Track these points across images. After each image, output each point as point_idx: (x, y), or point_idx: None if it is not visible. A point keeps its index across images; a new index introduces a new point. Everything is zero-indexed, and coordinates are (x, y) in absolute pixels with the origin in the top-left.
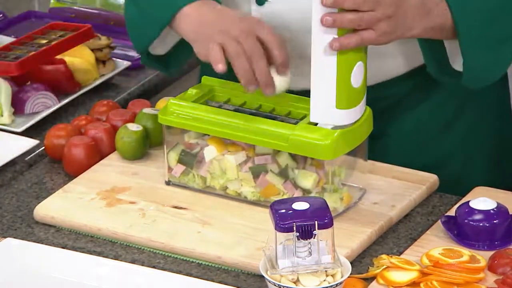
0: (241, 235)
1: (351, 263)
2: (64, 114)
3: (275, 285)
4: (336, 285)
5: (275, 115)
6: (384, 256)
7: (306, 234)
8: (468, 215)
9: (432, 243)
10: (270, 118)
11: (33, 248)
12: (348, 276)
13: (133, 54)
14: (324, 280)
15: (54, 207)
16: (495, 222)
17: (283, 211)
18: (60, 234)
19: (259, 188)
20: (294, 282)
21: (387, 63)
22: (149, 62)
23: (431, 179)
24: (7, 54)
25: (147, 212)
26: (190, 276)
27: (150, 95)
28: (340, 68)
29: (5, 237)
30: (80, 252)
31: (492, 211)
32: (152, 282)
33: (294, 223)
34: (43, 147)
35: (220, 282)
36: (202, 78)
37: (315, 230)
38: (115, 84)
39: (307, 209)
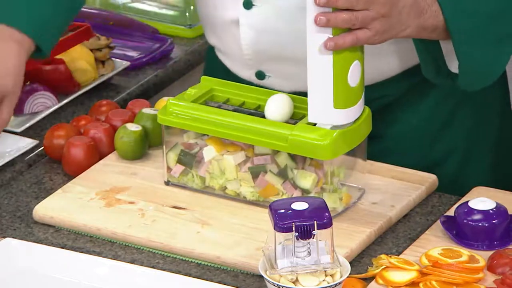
0: (240, 235)
1: (350, 263)
2: (63, 114)
3: (274, 285)
4: (335, 285)
5: None
6: (383, 256)
7: (305, 234)
8: (467, 215)
9: (431, 243)
10: None
11: (32, 248)
12: (347, 276)
13: (132, 54)
14: (323, 280)
15: (53, 207)
16: (494, 222)
17: (282, 211)
18: (59, 234)
19: (258, 188)
20: (293, 282)
21: (382, 63)
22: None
23: (430, 179)
24: None
25: (146, 212)
26: (189, 276)
27: (149, 95)
28: (336, 67)
29: (4, 237)
30: (79, 252)
31: (491, 211)
32: (152, 282)
33: (293, 223)
34: (42, 147)
35: (219, 282)
36: (201, 78)
37: (314, 230)
38: (114, 84)
39: (306, 209)
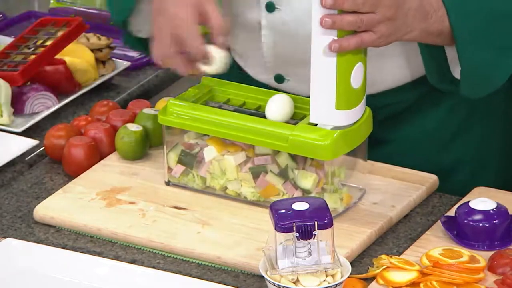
0: (241, 235)
1: (351, 263)
2: (64, 114)
3: (274, 285)
4: (336, 285)
5: None
6: (384, 256)
7: (306, 234)
8: (468, 215)
9: (432, 243)
10: None
11: (33, 249)
12: (348, 277)
13: (133, 54)
14: (324, 281)
15: (54, 207)
16: (494, 222)
17: (283, 211)
18: (60, 234)
19: (259, 189)
20: (294, 283)
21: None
22: (130, 42)
23: (431, 179)
24: (5, 62)
25: (147, 212)
26: (190, 276)
27: (150, 96)
28: (340, 69)
29: (5, 237)
30: (80, 252)
31: (492, 211)
32: (152, 282)
33: (294, 224)
34: (43, 147)
35: (220, 283)
36: (202, 78)
37: (315, 231)
38: (115, 85)
39: (307, 209)
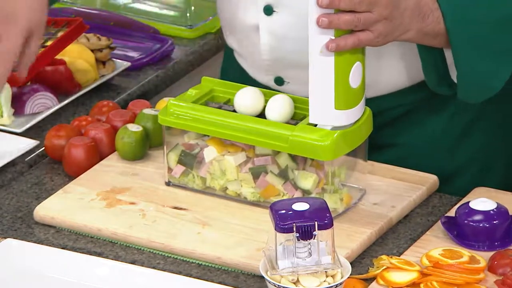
0: (241, 235)
1: (351, 263)
2: (64, 115)
3: (275, 285)
4: (336, 285)
5: None
6: (384, 256)
7: (306, 234)
8: (468, 215)
9: (432, 243)
10: None
11: (33, 249)
12: (348, 277)
13: (133, 54)
14: (324, 281)
15: (54, 208)
16: (495, 222)
17: (283, 211)
18: (60, 235)
19: (259, 189)
20: (294, 283)
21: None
22: None
23: (431, 179)
24: None
25: (147, 212)
26: (190, 276)
27: (150, 96)
28: (338, 69)
29: (5, 237)
30: (80, 252)
31: (492, 212)
32: (152, 282)
33: (294, 224)
34: (43, 148)
35: (220, 283)
36: (202, 78)
37: (315, 231)
38: (115, 85)
39: (307, 209)
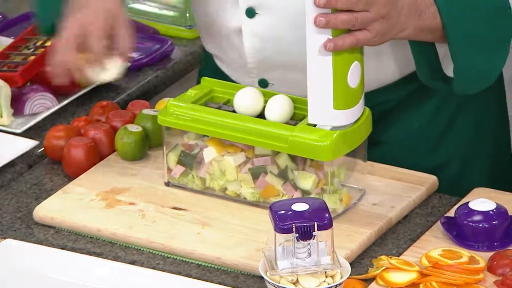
0: (240, 236)
1: (350, 264)
2: (63, 115)
3: (274, 286)
4: (336, 286)
5: None
6: (383, 257)
7: (306, 235)
8: (468, 216)
9: (432, 244)
10: None
11: (32, 249)
12: (348, 277)
13: (133, 55)
14: (324, 281)
15: (53, 208)
16: (494, 223)
17: (283, 212)
18: (59, 235)
19: (259, 189)
20: (294, 283)
21: (382, 69)
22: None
23: (431, 180)
24: (5, 62)
25: (146, 213)
26: (190, 277)
27: (149, 96)
28: (336, 68)
29: (4, 238)
30: (80, 253)
31: (491, 212)
32: (152, 283)
33: (294, 224)
34: (42, 148)
35: (220, 283)
36: (201, 79)
37: (315, 231)
38: (114, 85)
39: (306, 210)
